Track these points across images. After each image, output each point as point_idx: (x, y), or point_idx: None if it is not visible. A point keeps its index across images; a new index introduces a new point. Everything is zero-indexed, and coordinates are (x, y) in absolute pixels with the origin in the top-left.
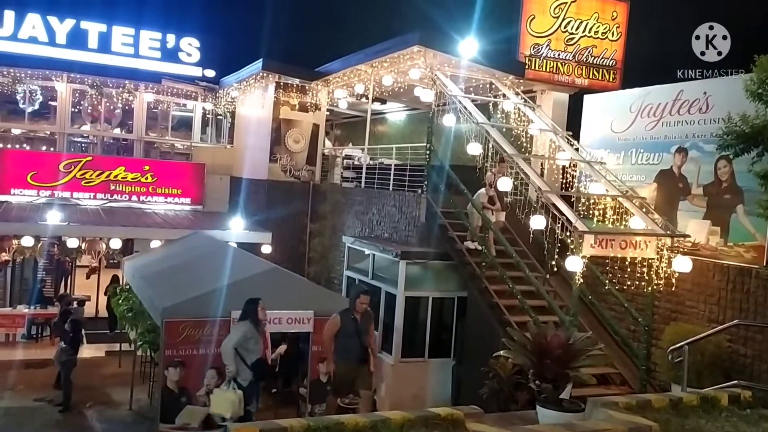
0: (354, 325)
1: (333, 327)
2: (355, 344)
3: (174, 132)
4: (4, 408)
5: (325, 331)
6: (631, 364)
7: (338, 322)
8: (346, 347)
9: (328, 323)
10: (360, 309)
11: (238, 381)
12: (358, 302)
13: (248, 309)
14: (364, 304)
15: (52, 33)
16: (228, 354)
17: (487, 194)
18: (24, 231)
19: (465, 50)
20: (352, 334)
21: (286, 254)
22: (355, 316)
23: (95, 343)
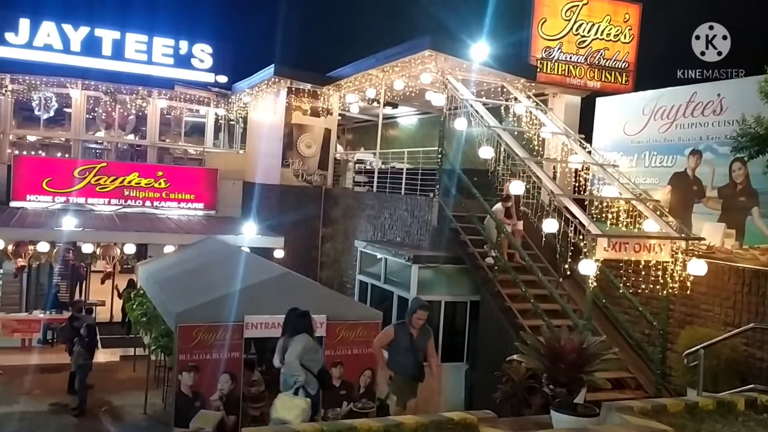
0: (409, 340)
1: (384, 338)
2: (409, 360)
3: (187, 138)
4: (21, 412)
5: (375, 340)
6: (646, 368)
7: (391, 334)
8: (398, 361)
9: (381, 333)
10: (416, 324)
11: (307, 389)
12: (414, 317)
13: (304, 323)
14: (420, 320)
15: (66, 40)
16: (294, 365)
17: (503, 208)
18: (40, 237)
19: (476, 54)
20: (406, 349)
21: (298, 259)
22: (411, 331)
23: (110, 348)
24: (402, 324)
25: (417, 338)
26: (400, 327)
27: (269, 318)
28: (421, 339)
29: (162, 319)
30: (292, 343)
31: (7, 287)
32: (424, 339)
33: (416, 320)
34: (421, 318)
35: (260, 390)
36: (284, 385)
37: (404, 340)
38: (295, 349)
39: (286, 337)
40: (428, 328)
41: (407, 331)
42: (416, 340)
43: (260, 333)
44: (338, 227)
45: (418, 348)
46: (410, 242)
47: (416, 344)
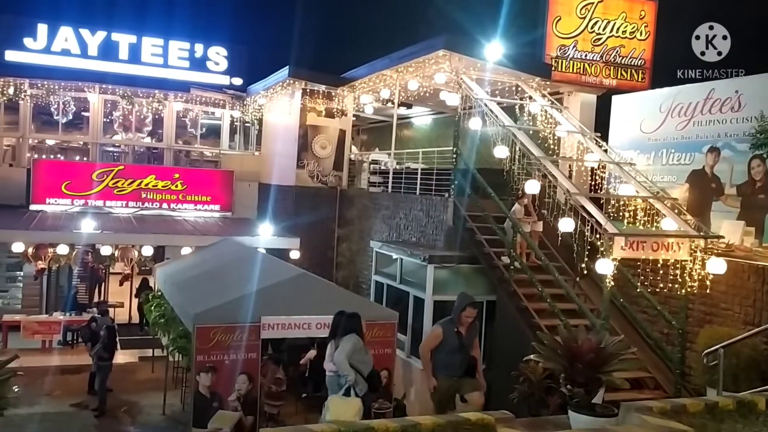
0: (458, 340)
1: (433, 340)
2: (458, 359)
3: (203, 140)
4: (42, 413)
5: (423, 344)
6: (665, 368)
7: (440, 335)
8: (448, 363)
9: (428, 336)
10: (465, 322)
11: (355, 390)
12: (463, 315)
13: (353, 323)
14: (469, 318)
15: (84, 45)
16: (343, 365)
17: (521, 207)
18: (59, 239)
19: (490, 53)
20: (456, 349)
21: (314, 259)
22: (459, 329)
23: (129, 349)
24: (449, 322)
25: (466, 336)
26: (447, 326)
27: (286, 319)
28: (469, 336)
29: (180, 321)
30: (341, 343)
31: (28, 289)
32: (472, 336)
33: (465, 318)
34: (471, 316)
35: (281, 389)
36: (331, 387)
37: (453, 339)
38: (345, 349)
39: (336, 339)
40: (476, 325)
41: (455, 331)
42: (465, 339)
43: (277, 334)
44: (353, 228)
45: (466, 345)
46: (425, 242)
47: (465, 343)
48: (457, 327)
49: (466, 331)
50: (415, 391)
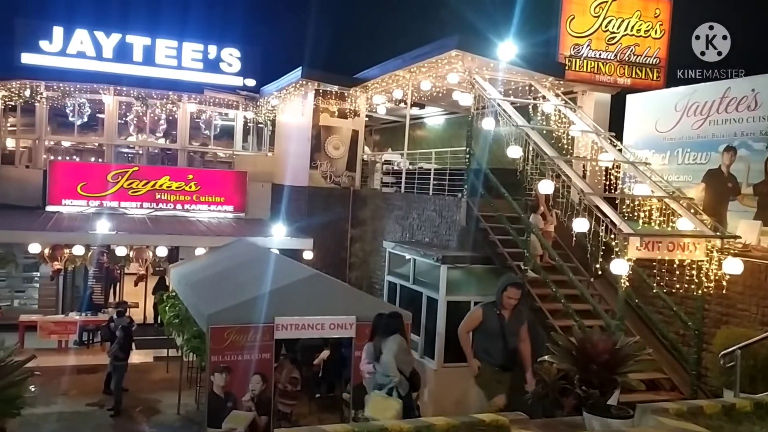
0: (499, 324)
1: (471, 322)
2: (498, 346)
3: (216, 141)
4: (58, 413)
5: (461, 325)
6: (681, 369)
7: (479, 317)
8: (487, 348)
9: (467, 317)
10: (507, 305)
11: (398, 390)
12: (504, 296)
13: (396, 323)
14: (512, 299)
15: (99, 47)
16: (391, 365)
17: (539, 215)
18: (75, 240)
19: (503, 53)
20: (496, 334)
21: (327, 260)
22: (502, 313)
23: (144, 349)
24: (491, 305)
25: (509, 321)
26: (488, 309)
27: (299, 319)
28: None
29: (194, 321)
30: (386, 343)
31: (44, 290)
32: (516, 322)
33: (507, 300)
34: (513, 297)
35: (296, 389)
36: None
37: (494, 323)
38: (391, 349)
39: (377, 339)
40: (521, 310)
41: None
42: (508, 324)
43: (290, 334)
44: (367, 228)
45: (509, 332)
46: (439, 243)
47: (507, 328)
48: (499, 310)
49: (509, 316)
50: (429, 392)
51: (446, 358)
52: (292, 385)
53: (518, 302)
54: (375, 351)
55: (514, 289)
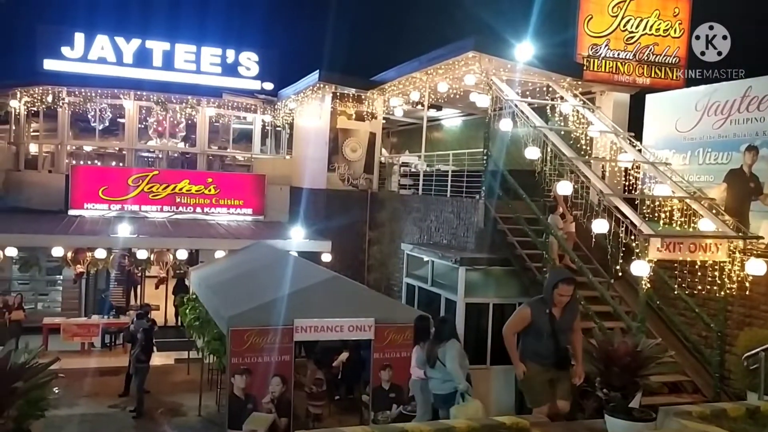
0: (549, 323)
1: (519, 322)
2: (550, 346)
3: (235, 144)
4: (81, 414)
5: (506, 325)
6: (704, 372)
7: (527, 317)
8: (537, 349)
9: (513, 316)
10: (559, 302)
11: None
12: (556, 293)
13: (449, 328)
14: (564, 297)
15: (119, 53)
16: (458, 372)
17: (558, 216)
18: (97, 244)
19: (521, 54)
20: (546, 334)
21: (345, 262)
22: (552, 311)
23: (165, 351)
24: (540, 302)
25: (560, 319)
26: (537, 307)
27: (318, 321)
28: (565, 319)
29: (214, 323)
30: (445, 350)
31: (67, 293)
32: (569, 318)
33: (559, 297)
34: (565, 294)
35: (321, 389)
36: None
37: (543, 323)
38: (453, 356)
39: (431, 344)
40: (575, 305)
41: (547, 311)
42: (559, 322)
43: (310, 336)
44: (384, 230)
45: (561, 330)
46: (457, 244)
47: (559, 326)
48: (549, 308)
49: (561, 313)
50: None
51: None
52: (317, 387)
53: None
54: (430, 356)
55: (566, 286)
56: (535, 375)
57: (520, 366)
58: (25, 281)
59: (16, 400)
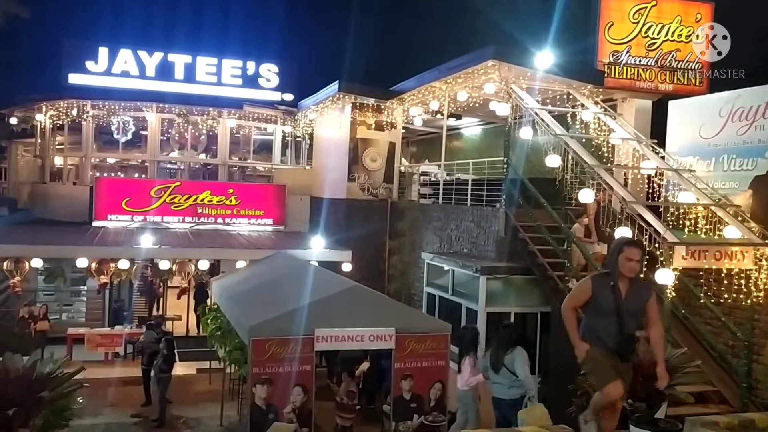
0: (613, 300)
1: (579, 296)
2: (612, 328)
3: (255, 155)
4: (105, 423)
5: (566, 300)
6: (731, 382)
7: (588, 289)
8: (597, 329)
9: (575, 289)
10: (627, 270)
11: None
12: (622, 259)
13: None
14: (632, 262)
15: (142, 66)
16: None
17: (582, 226)
18: (120, 255)
19: (540, 62)
20: (609, 311)
21: (366, 272)
22: (618, 284)
23: (187, 361)
24: (604, 276)
25: (627, 297)
26: (600, 280)
27: (339, 331)
28: (632, 299)
29: (236, 333)
30: (514, 357)
31: (91, 303)
32: (638, 298)
33: (626, 263)
34: (633, 258)
35: (353, 402)
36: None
37: (606, 298)
38: (523, 362)
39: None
40: (647, 285)
41: (611, 285)
42: (625, 300)
43: (331, 346)
44: (405, 240)
45: (626, 311)
46: (477, 253)
47: (625, 306)
48: (614, 280)
49: (628, 290)
50: None
51: None
52: (349, 398)
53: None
54: (495, 363)
55: (634, 248)
56: (598, 354)
57: (581, 345)
58: (50, 292)
59: (42, 409)
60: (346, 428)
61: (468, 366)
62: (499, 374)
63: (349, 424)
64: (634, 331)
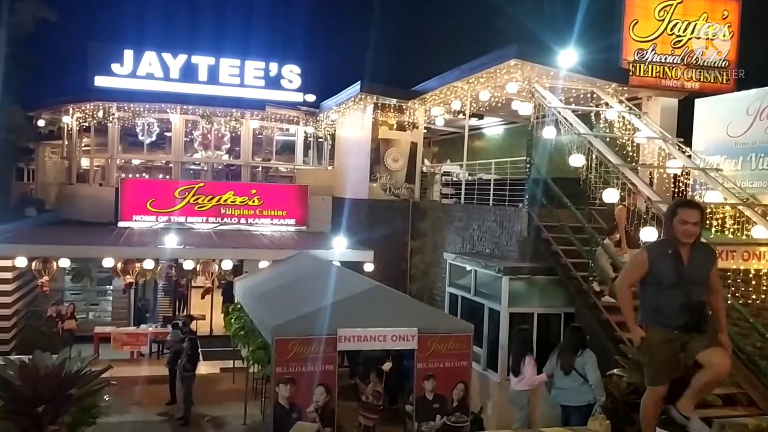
0: (674, 267)
1: (635, 270)
2: (676, 300)
3: (278, 156)
4: (132, 422)
5: (620, 277)
6: (759, 384)
7: (644, 262)
8: (659, 305)
9: (628, 264)
10: (685, 234)
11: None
12: (677, 222)
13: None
14: (689, 225)
15: (166, 69)
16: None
17: (612, 242)
18: (145, 255)
19: (564, 61)
20: (670, 282)
21: (388, 272)
22: (678, 251)
23: (210, 360)
24: (660, 244)
25: (689, 263)
26: (657, 249)
27: (362, 331)
28: (696, 264)
29: (259, 333)
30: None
31: (117, 303)
32: (702, 265)
33: (682, 227)
34: (690, 220)
35: (378, 403)
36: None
37: (665, 268)
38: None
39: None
40: (709, 251)
41: (669, 253)
42: (688, 268)
43: (353, 346)
44: (427, 240)
45: (692, 279)
46: (500, 253)
47: (689, 273)
48: (673, 247)
49: (689, 255)
50: (493, 405)
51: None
52: (374, 399)
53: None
54: (564, 365)
55: (689, 210)
56: (658, 341)
57: (636, 330)
58: (77, 291)
59: (71, 407)
60: (369, 428)
61: (529, 366)
62: (568, 377)
63: (372, 424)
64: (702, 298)
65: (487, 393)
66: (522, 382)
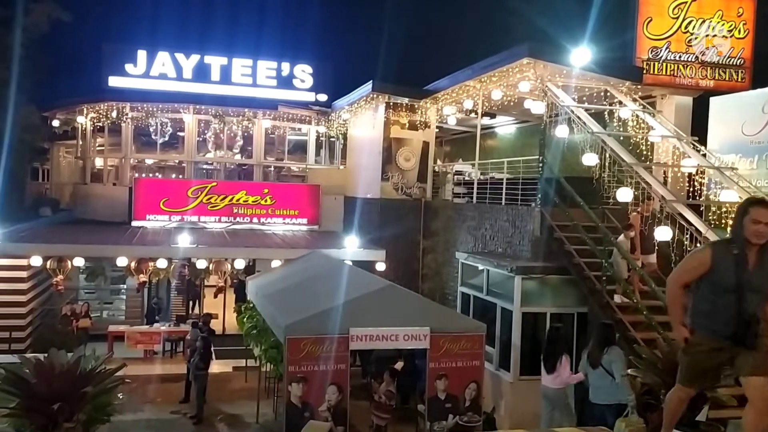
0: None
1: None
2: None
3: (290, 155)
4: (146, 420)
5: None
6: None
7: (706, 261)
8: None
9: (686, 260)
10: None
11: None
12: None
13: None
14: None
15: (179, 69)
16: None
17: (627, 239)
18: (159, 254)
19: (577, 59)
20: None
21: (400, 271)
22: (746, 253)
23: (223, 359)
24: (727, 243)
25: (755, 267)
26: (722, 248)
27: (374, 330)
28: (761, 269)
29: (271, 332)
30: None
31: (131, 301)
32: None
33: (751, 226)
34: (762, 220)
35: (390, 402)
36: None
37: (727, 270)
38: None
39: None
40: None
41: (735, 254)
42: (752, 273)
43: (365, 345)
44: (439, 239)
45: (751, 285)
46: (512, 253)
47: (750, 280)
48: (739, 248)
49: (756, 261)
50: (505, 405)
51: (522, 371)
52: (387, 398)
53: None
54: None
55: (763, 209)
56: (705, 347)
57: (681, 329)
58: (91, 290)
59: (86, 404)
60: (381, 427)
61: (566, 364)
62: (597, 374)
63: (384, 423)
64: (757, 310)
65: (500, 393)
66: (558, 379)
